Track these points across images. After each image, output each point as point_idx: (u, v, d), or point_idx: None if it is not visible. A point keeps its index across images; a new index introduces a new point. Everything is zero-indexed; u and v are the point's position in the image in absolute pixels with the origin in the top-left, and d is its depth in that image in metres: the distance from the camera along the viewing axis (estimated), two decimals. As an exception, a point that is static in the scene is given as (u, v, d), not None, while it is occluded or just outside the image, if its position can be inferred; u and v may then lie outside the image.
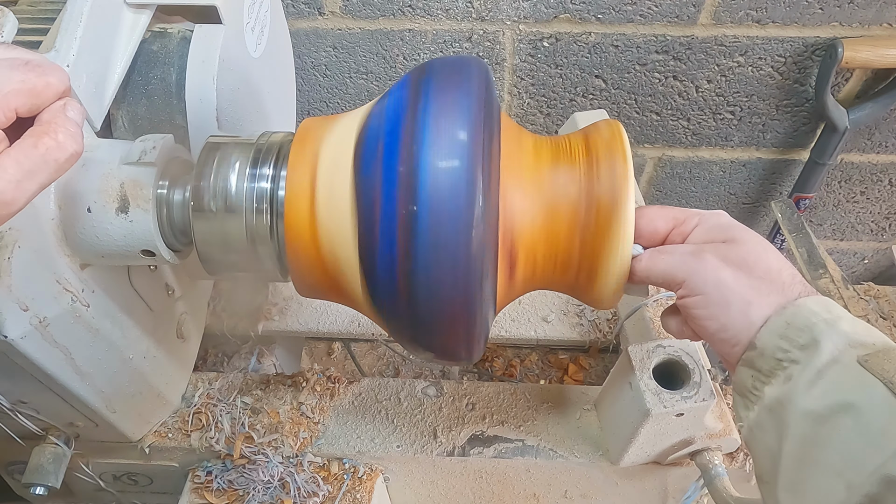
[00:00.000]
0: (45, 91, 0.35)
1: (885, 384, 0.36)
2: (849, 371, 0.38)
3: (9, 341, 0.51)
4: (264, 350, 1.00)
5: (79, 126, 0.36)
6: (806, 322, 0.41)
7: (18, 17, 0.49)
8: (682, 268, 0.45)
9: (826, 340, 0.39)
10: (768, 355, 0.41)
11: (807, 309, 0.41)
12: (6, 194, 0.33)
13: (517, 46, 0.95)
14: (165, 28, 0.62)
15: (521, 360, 1.06)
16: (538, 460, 0.74)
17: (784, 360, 0.41)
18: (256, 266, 0.50)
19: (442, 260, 0.42)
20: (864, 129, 1.03)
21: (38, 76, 0.35)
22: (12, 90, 0.34)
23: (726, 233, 0.46)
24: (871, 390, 0.37)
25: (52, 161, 0.34)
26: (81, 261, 0.55)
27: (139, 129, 0.61)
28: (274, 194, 0.48)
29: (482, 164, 0.42)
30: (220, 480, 0.73)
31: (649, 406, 0.64)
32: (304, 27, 0.94)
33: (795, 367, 0.40)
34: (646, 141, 1.06)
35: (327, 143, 0.47)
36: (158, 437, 0.75)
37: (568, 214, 0.46)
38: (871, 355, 0.38)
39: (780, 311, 0.42)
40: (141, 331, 0.65)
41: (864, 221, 1.18)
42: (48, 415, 0.65)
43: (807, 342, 0.40)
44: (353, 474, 0.74)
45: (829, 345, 0.39)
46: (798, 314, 0.41)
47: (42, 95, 0.35)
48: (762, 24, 0.91)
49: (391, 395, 0.79)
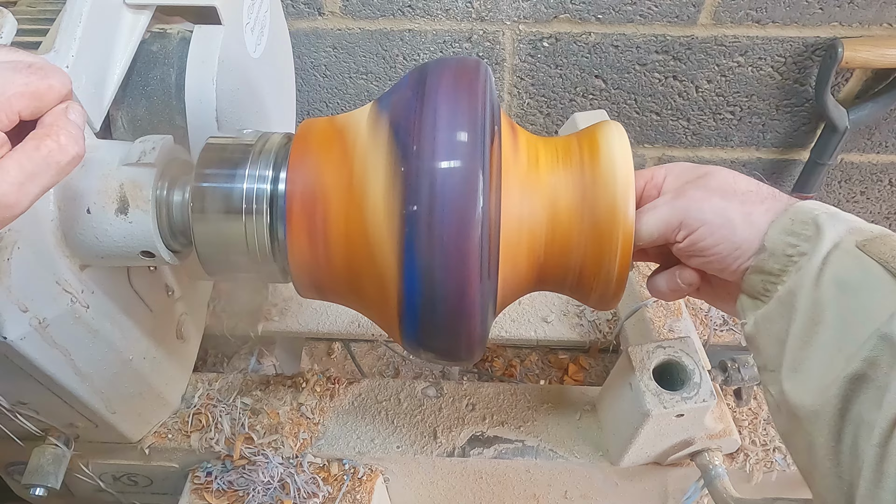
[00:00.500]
0: (47, 94, 0.35)
1: (881, 264, 0.39)
2: (849, 255, 0.40)
3: (8, 342, 0.51)
4: (264, 350, 1.00)
5: (80, 129, 0.36)
6: (809, 215, 0.43)
7: (18, 17, 0.49)
8: (674, 212, 0.46)
9: (829, 228, 0.42)
10: (779, 253, 0.43)
11: (807, 206, 0.44)
12: (9, 197, 0.33)
13: (517, 46, 0.95)
14: (165, 29, 0.62)
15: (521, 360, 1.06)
16: (538, 461, 0.74)
17: (794, 255, 0.42)
18: (256, 267, 0.50)
19: (442, 260, 0.42)
20: (864, 129, 1.03)
21: (40, 79, 0.35)
22: (15, 93, 0.34)
23: (696, 171, 0.48)
24: (868, 271, 0.39)
25: (55, 163, 0.35)
26: (81, 262, 0.55)
27: (139, 129, 0.61)
28: (274, 195, 0.48)
29: (483, 165, 0.42)
30: (220, 481, 0.73)
31: (649, 407, 0.64)
32: (304, 27, 0.94)
33: (803, 259, 0.42)
34: (646, 141, 1.06)
35: (327, 145, 0.47)
36: (158, 437, 0.75)
37: (569, 215, 0.46)
38: (868, 241, 0.40)
39: (781, 213, 0.44)
40: (140, 331, 0.64)
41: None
42: (48, 416, 0.65)
43: (812, 233, 0.42)
44: (353, 475, 0.74)
45: (831, 232, 0.41)
46: (800, 211, 0.43)
47: (44, 98, 0.35)
48: (762, 24, 0.91)
49: (391, 396, 0.79)
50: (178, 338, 0.73)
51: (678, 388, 0.65)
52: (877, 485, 0.33)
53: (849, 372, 0.37)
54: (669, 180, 0.49)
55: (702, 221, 0.45)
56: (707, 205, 0.45)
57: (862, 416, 0.36)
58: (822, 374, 0.39)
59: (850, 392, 0.37)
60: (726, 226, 0.45)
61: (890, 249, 0.39)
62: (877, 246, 0.40)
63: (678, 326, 0.81)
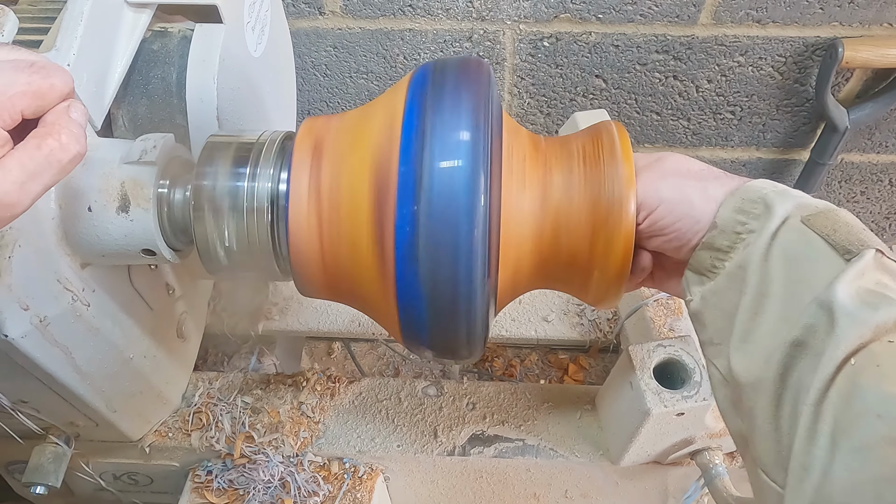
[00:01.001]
0: (49, 93, 0.35)
1: (823, 237, 0.40)
2: (794, 230, 0.42)
3: (9, 340, 0.51)
4: (264, 350, 1.00)
5: (82, 127, 0.36)
6: (759, 194, 0.44)
7: (19, 16, 0.49)
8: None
9: (777, 206, 0.43)
10: (728, 230, 0.44)
11: (757, 185, 0.45)
12: (11, 196, 0.33)
13: (517, 46, 0.95)
14: (166, 27, 0.62)
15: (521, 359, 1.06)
16: (538, 460, 0.74)
17: (743, 233, 0.43)
18: (257, 265, 0.50)
19: (443, 259, 0.42)
20: (864, 129, 1.03)
21: (42, 78, 0.35)
22: (18, 92, 0.34)
23: (647, 157, 0.49)
24: (811, 243, 0.41)
25: (56, 162, 0.35)
26: (82, 260, 0.55)
27: (140, 128, 0.61)
28: (275, 194, 0.48)
29: (484, 164, 0.42)
30: (221, 480, 0.73)
31: (650, 406, 0.64)
32: (305, 27, 0.94)
33: (752, 236, 0.43)
34: (646, 141, 1.06)
35: (329, 143, 0.47)
36: (159, 436, 0.75)
37: (569, 214, 0.46)
38: (812, 215, 0.42)
39: (735, 189, 0.45)
40: (141, 330, 0.65)
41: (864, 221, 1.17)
42: (48, 414, 0.65)
43: (761, 211, 0.43)
44: (354, 474, 0.74)
45: (780, 209, 0.43)
46: (750, 189, 0.44)
47: (47, 97, 0.35)
48: (762, 23, 0.91)
49: (391, 395, 0.79)
50: (178, 336, 0.73)
51: (678, 387, 0.66)
52: (811, 442, 0.35)
53: (790, 338, 0.38)
54: None
55: (659, 200, 0.46)
56: (663, 183, 0.46)
57: (801, 380, 0.37)
58: (767, 343, 0.40)
59: (790, 358, 0.38)
60: (684, 202, 0.45)
61: (832, 223, 0.41)
62: (820, 220, 0.41)
63: (678, 325, 0.81)
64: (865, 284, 0.37)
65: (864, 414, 0.33)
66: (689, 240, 0.46)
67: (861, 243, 0.39)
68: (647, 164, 0.48)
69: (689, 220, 0.45)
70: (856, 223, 0.42)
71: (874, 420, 0.33)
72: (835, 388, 0.35)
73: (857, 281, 0.37)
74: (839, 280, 0.37)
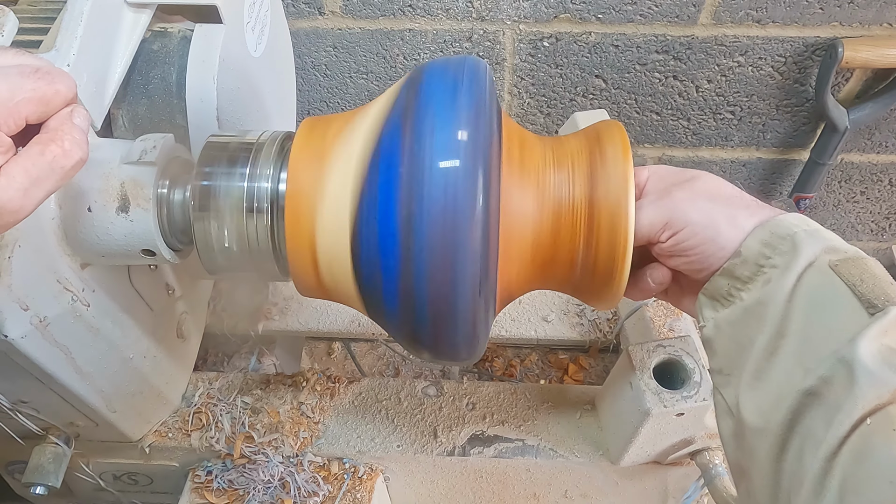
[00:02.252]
0: (54, 99, 0.35)
1: (849, 286, 0.40)
2: (821, 273, 0.41)
3: (9, 341, 0.51)
4: (264, 350, 1.00)
5: (84, 133, 0.37)
6: (788, 231, 0.43)
7: (19, 16, 0.49)
8: (659, 212, 0.46)
9: (806, 247, 0.42)
10: (751, 261, 0.43)
11: (788, 221, 0.44)
12: (14, 202, 0.33)
13: (517, 46, 0.95)
14: (166, 27, 0.62)
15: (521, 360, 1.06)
16: (538, 460, 0.74)
17: (765, 266, 0.43)
18: (257, 266, 0.50)
19: (442, 259, 0.42)
20: (864, 129, 1.03)
21: (47, 84, 0.35)
22: (23, 99, 0.34)
23: (682, 175, 0.49)
24: (836, 290, 0.40)
25: (59, 169, 0.35)
26: (82, 260, 0.55)
27: (139, 128, 0.61)
28: (274, 194, 0.48)
29: (483, 164, 0.42)
30: (221, 480, 0.73)
31: (649, 406, 0.64)
32: (304, 27, 0.94)
33: (775, 272, 0.42)
34: (646, 141, 1.06)
35: (328, 143, 0.47)
36: (158, 436, 0.75)
37: (569, 214, 0.46)
38: (841, 261, 0.41)
39: (763, 223, 0.44)
40: (141, 330, 0.65)
41: (864, 221, 1.18)
42: (48, 414, 0.65)
43: (788, 249, 0.43)
44: (354, 474, 0.74)
45: (808, 250, 0.42)
46: (780, 225, 0.44)
47: (51, 103, 0.35)
48: (762, 24, 0.91)
49: (391, 395, 0.79)
50: (178, 337, 0.73)
51: (678, 387, 0.66)
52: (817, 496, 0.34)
53: (804, 386, 0.38)
54: (653, 182, 0.49)
55: (686, 222, 0.45)
56: (692, 206, 0.46)
57: (810, 430, 0.37)
58: (780, 386, 0.39)
59: (801, 406, 0.38)
60: (711, 226, 0.45)
61: (860, 272, 0.40)
62: (848, 267, 0.41)
63: (678, 325, 0.81)
64: (888, 343, 0.37)
65: (876, 477, 0.33)
66: (710, 264, 0.46)
67: (887, 298, 0.39)
68: (680, 183, 0.47)
69: (713, 246, 0.45)
70: (884, 275, 0.41)
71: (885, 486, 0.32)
72: (848, 446, 0.34)
73: (880, 339, 0.37)
74: (862, 336, 0.37)
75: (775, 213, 0.45)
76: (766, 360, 0.41)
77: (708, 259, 0.46)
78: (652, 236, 0.47)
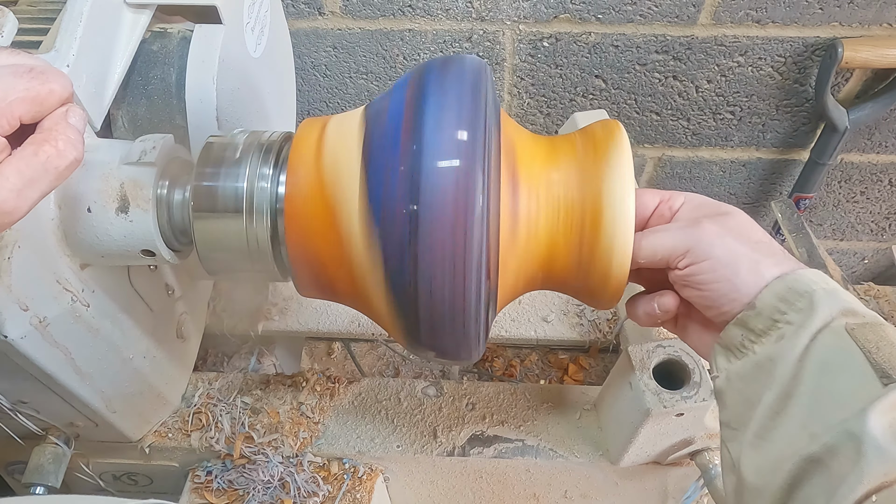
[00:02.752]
0: (48, 98, 0.35)
1: (864, 352, 0.38)
2: (836, 336, 0.40)
3: (9, 341, 0.51)
4: (264, 350, 1.00)
5: (80, 132, 0.36)
6: (807, 288, 0.42)
7: (18, 17, 0.49)
8: (684, 238, 0.46)
9: (823, 307, 0.41)
10: (765, 315, 0.43)
11: (807, 277, 0.43)
12: (8, 203, 0.33)
13: (517, 46, 0.95)
14: (165, 28, 0.62)
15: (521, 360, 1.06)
16: (538, 460, 0.74)
17: (780, 322, 0.42)
18: (257, 266, 0.50)
19: (442, 259, 0.42)
20: (864, 129, 1.03)
21: (41, 83, 0.35)
22: (17, 98, 0.34)
23: (716, 207, 0.48)
24: (850, 356, 0.39)
25: (53, 169, 0.34)
26: (81, 261, 0.55)
27: (139, 129, 0.61)
28: (274, 194, 0.48)
29: (482, 164, 0.42)
30: (220, 480, 0.73)
31: (649, 406, 0.64)
32: (304, 27, 0.94)
33: (789, 328, 0.42)
34: (646, 141, 1.06)
35: (328, 144, 0.47)
36: (158, 436, 0.75)
37: (568, 214, 0.46)
38: (858, 325, 0.40)
39: (782, 276, 0.43)
40: (141, 331, 0.65)
41: (864, 221, 1.18)
42: (48, 415, 0.65)
43: (805, 307, 0.42)
44: (353, 474, 0.74)
45: (824, 311, 0.41)
46: (799, 280, 0.43)
47: (45, 103, 0.35)
48: (762, 24, 0.91)
49: (391, 395, 0.79)
50: (178, 337, 0.73)
51: (678, 388, 0.66)
52: None
53: (808, 452, 0.37)
54: (686, 208, 0.49)
55: (709, 255, 0.45)
56: (719, 241, 0.45)
57: (809, 499, 0.36)
58: (782, 448, 0.39)
59: (802, 472, 0.37)
60: (731, 266, 0.44)
61: (876, 339, 0.39)
62: (864, 333, 0.39)
63: (678, 326, 0.81)
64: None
65: None
66: (721, 305, 0.45)
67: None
68: (713, 216, 0.47)
69: (728, 287, 0.44)
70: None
71: None
72: None
73: (891, 412, 0.36)
74: (873, 407, 0.36)
75: (797, 266, 0.44)
76: (770, 419, 0.40)
77: (721, 298, 0.45)
78: (671, 261, 0.46)
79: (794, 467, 0.37)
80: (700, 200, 0.49)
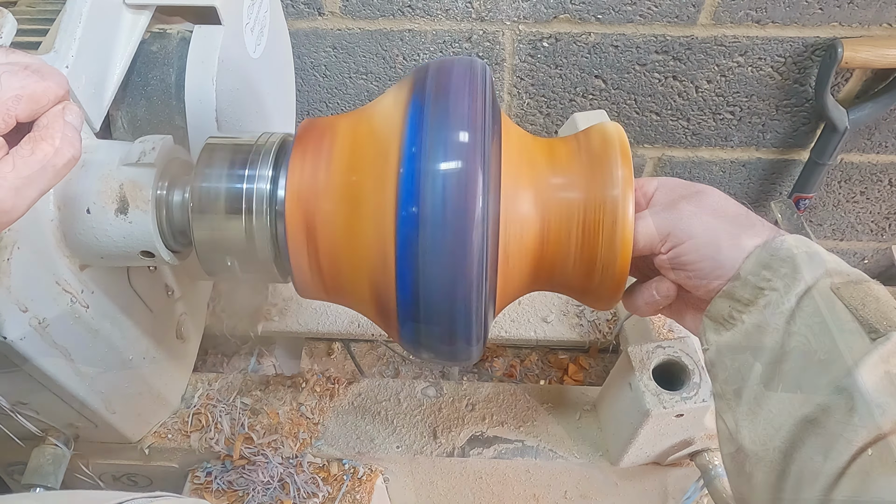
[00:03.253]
0: (44, 96, 0.35)
1: (850, 310, 0.39)
2: (822, 296, 0.40)
3: (8, 342, 0.51)
4: (264, 351, 1.00)
5: (77, 130, 0.36)
6: (788, 253, 0.43)
7: (17, 17, 0.49)
8: (663, 223, 0.46)
9: (806, 270, 0.42)
10: (750, 284, 0.43)
11: (788, 243, 0.43)
12: (6, 202, 0.33)
13: (517, 47, 0.95)
14: (165, 29, 0.62)
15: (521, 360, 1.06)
16: (538, 461, 0.74)
17: (765, 289, 0.42)
18: (256, 267, 0.50)
19: (443, 261, 0.42)
20: (864, 129, 1.02)
21: (37, 82, 0.35)
22: (12, 96, 0.34)
23: (690, 188, 0.48)
24: (837, 315, 0.39)
25: (51, 167, 0.34)
26: (81, 262, 0.55)
27: (138, 130, 0.61)
28: (273, 195, 0.48)
29: (483, 166, 0.42)
30: (220, 481, 0.73)
31: (649, 406, 0.64)
32: (304, 27, 0.94)
33: (774, 294, 0.42)
34: (646, 141, 1.06)
35: (328, 145, 0.47)
36: (158, 437, 0.75)
37: (568, 216, 0.46)
38: (843, 284, 0.40)
39: (764, 244, 0.44)
40: (140, 331, 0.65)
41: (863, 221, 1.18)
42: (48, 415, 0.65)
43: (788, 271, 0.42)
44: (353, 475, 0.74)
45: (808, 274, 0.41)
46: (781, 247, 0.43)
47: (41, 101, 0.35)
48: (762, 24, 0.91)
49: (391, 396, 0.79)
50: (177, 338, 0.73)
51: (678, 388, 0.66)
52: None
53: (801, 414, 0.37)
54: (661, 193, 0.49)
55: (689, 235, 0.45)
56: (697, 220, 0.45)
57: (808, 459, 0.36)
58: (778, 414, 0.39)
59: (800, 433, 0.37)
60: (712, 244, 0.45)
61: (862, 296, 0.39)
62: (850, 291, 0.40)
63: (678, 326, 0.81)
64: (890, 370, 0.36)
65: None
66: (708, 282, 0.45)
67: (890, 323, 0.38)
68: (687, 196, 0.47)
69: (712, 263, 0.45)
70: (887, 298, 0.40)
71: None
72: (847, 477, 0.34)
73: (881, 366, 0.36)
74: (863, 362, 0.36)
75: (778, 233, 0.45)
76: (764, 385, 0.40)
77: (706, 275, 0.45)
78: (654, 247, 0.47)
79: (790, 430, 0.37)
80: (674, 183, 0.50)
